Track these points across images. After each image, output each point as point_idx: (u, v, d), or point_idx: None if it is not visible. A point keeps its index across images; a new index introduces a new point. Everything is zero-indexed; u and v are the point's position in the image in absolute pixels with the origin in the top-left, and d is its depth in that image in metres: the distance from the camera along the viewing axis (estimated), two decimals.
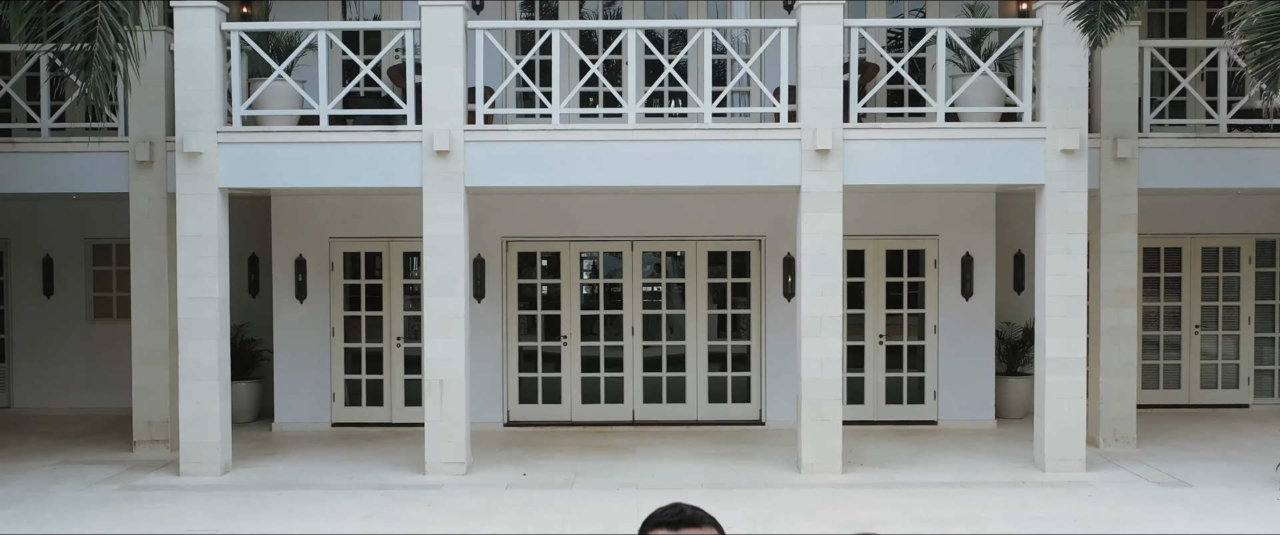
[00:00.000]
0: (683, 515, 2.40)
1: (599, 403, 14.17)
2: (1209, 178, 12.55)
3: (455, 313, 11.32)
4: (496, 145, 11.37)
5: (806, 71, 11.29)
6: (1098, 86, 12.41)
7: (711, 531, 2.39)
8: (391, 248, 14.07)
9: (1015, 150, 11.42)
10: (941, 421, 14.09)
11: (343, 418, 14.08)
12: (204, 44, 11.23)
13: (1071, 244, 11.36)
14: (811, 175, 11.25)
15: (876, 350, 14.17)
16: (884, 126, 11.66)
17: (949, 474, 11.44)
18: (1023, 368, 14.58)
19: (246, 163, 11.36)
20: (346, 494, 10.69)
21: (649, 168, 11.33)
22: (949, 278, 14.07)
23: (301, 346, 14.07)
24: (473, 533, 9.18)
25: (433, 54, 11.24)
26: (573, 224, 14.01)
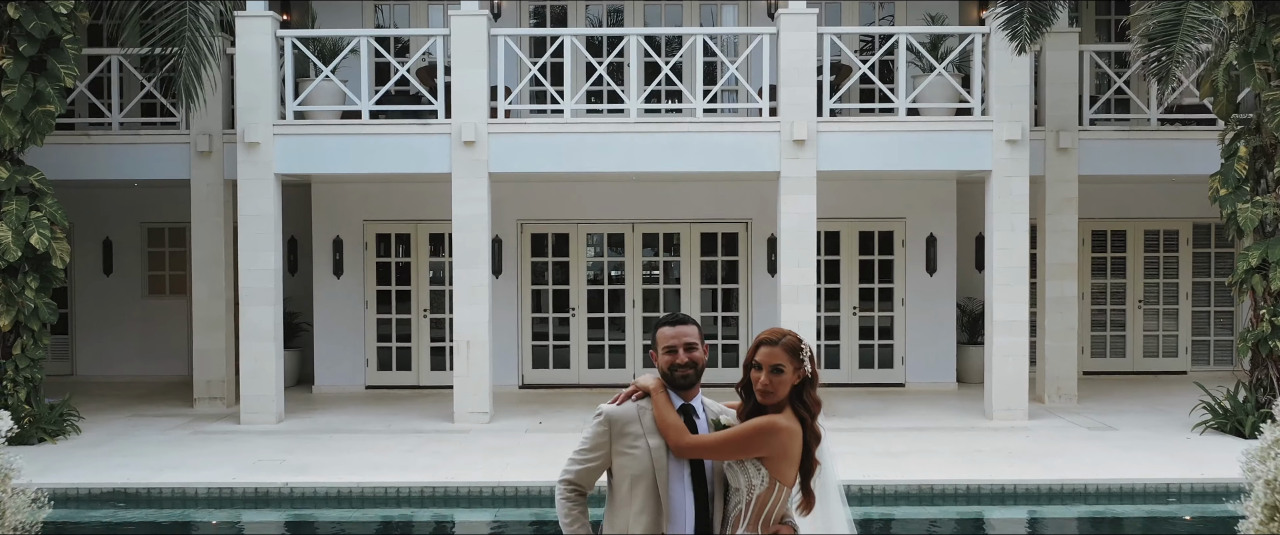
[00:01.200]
0: (678, 317, 4.09)
1: (604, 367, 15.88)
2: (1142, 165, 14.28)
3: (480, 282, 13.05)
4: (516, 137, 13.10)
5: (785, 72, 13.02)
6: (1043, 85, 14.15)
7: (694, 328, 4.07)
8: (418, 229, 15.78)
9: (967, 141, 13.16)
10: (908, 384, 15.82)
11: (375, 381, 15.79)
12: (262, 49, 12.94)
13: (1015, 222, 13.09)
14: (789, 162, 12.97)
15: (850, 320, 15.90)
16: (852, 120, 13.41)
17: (909, 422, 13.17)
18: (981, 337, 16.25)
19: (299, 152, 13.08)
20: (387, 436, 12.41)
21: (648, 156, 13.06)
22: (915, 256, 15.80)
23: (338, 318, 15.78)
24: (501, 463, 10.90)
25: (460, 57, 12.95)
26: (580, 208, 15.71)
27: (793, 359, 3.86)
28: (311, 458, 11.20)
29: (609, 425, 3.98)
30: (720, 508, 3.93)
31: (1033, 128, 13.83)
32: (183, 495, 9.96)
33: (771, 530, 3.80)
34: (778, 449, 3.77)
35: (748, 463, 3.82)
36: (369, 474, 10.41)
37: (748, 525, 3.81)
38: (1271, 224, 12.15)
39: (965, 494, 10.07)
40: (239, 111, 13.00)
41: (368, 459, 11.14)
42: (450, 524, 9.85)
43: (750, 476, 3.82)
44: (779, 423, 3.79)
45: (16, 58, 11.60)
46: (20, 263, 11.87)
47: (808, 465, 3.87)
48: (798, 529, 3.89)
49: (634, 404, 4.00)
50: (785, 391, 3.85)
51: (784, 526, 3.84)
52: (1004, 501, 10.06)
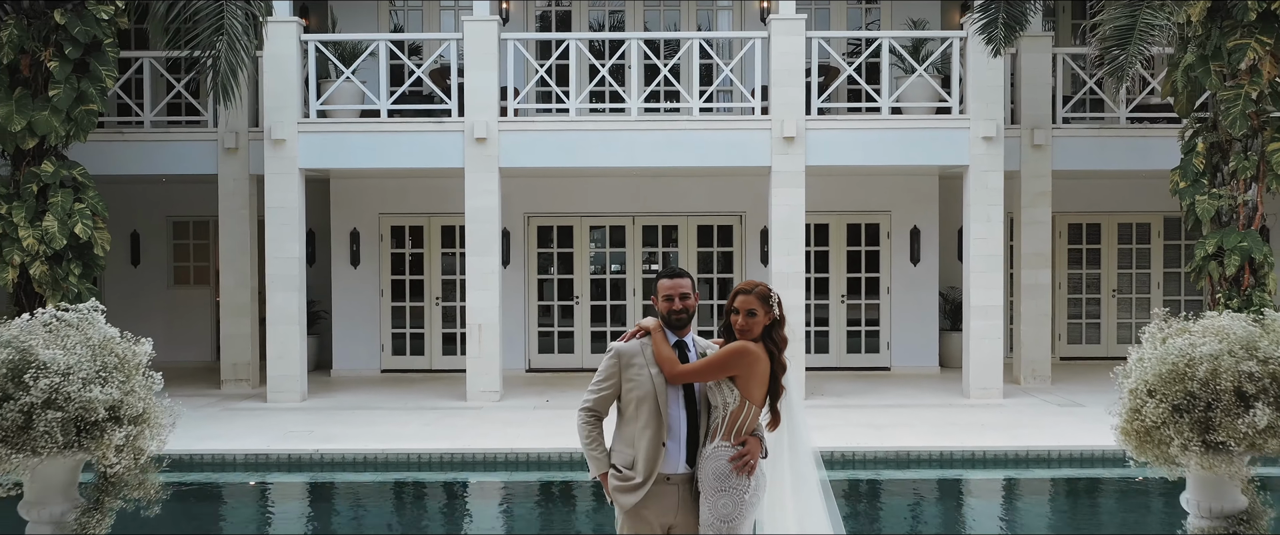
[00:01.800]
0: (675, 270, 5.00)
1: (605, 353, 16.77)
2: (1112, 161, 15.21)
3: (491, 270, 13.98)
4: (525, 134, 14.03)
5: (776, 74, 13.95)
6: (1019, 85, 15.08)
7: (688, 280, 4.98)
8: (431, 222, 16.72)
9: (945, 137, 14.09)
10: (893, 368, 16.75)
11: (390, 365, 16.73)
12: (287, 52, 13.87)
13: (990, 213, 14.02)
14: (780, 158, 13.90)
15: (839, 308, 16.83)
16: (839, 118, 14.35)
17: (892, 401, 14.10)
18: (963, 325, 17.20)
19: (321, 148, 14.01)
20: (405, 412, 13.35)
21: (648, 151, 13.99)
22: (900, 247, 16.73)
23: (355, 306, 16.71)
24: (512, 433, 11.83)
25: (473, 59, 13.88)
26: (583, 202, 16.64)
27: (763, 304, 4.79)
28: (337, 430, 12.13)
29: (618, 359, 4.90)
30: (705, 422, 4.85)
31: (1009, 126, 14.80)
32: (221, 461, 10.88)
33: (742, 439, 4.73)
34: (747, 368, 4.70)
35: (723, 384, 4.74)
36: (392, 442, 11.35)
37: (722, 435, 4.74)
38: (1227, 214, 13.06)
39: (939, 459, 11.00)
40: (266, 110, 13.93)
41: (389, 431, 12.07)
42: (465, 485, 10.77)
43: (725, 396, 4.75)
44: (749, 347, 4.72)
45: (62, 60, 12.52)
46: (65, 251, 12.79)
47: (775, 389, 4.80)
48: (764, 441, 4.82)
49: (638, 341, 4.92)
50: (758, 330, 4.77)
51: (752, 438, 4.76)
52: (974, 466, 10.99)
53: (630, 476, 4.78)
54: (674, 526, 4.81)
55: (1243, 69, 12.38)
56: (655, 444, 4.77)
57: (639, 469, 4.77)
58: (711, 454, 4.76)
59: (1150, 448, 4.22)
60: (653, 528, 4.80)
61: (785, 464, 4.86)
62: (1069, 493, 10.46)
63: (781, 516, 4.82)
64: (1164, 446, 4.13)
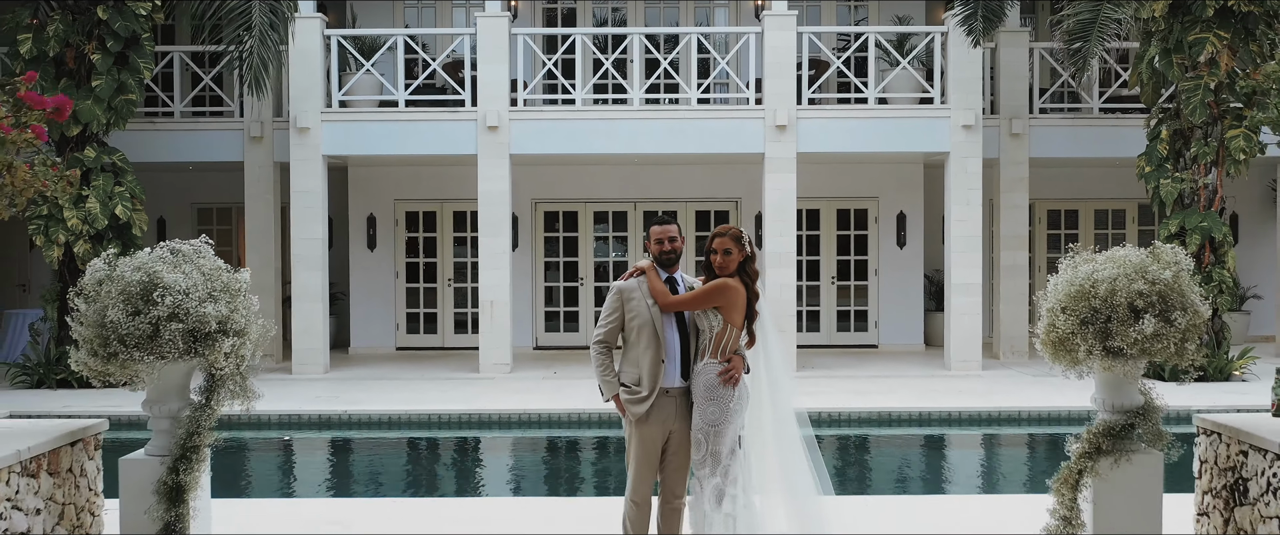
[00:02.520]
0: (664, 218, 5.92)
1: None
2: (1085, 149, 16.16)
3: (502, 250, 14.93)
4: (534, 123, 14.98)
5: (769, 67, 14.89)
6: (998, 78, 16.03)
7: (675, 226, 5.90)
8: (443, 207, 17.66)
9: (928, 126, 15.04)
10: (881, 345, 17.70)
11: (404, 343, 17.68)
12: (312, 46, 14.81)
13: (970, 197, 14.96)
14: (773, 145, 14.85)
15: (829, 289, 17.78)
16: (828, 108, 15.29)
17: (878, 372, 15.04)
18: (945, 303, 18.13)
19: (343, 136, 14.96)
20: (423, 381, 14.30)
21: (649, 139, 14.93)
22: (887, 231, 17.68)
23: (372, 287, 17.66)
24: (523, 398, 12.78)
25: (485, 53, 14.83)
26: (587, 189, 17.58)
27: (737, 244, 5.74)
28: (360, 395, 13.08)
29: (620, 294, 5.83)
30: (694, 343, 5.79)
31: (988, 116, 15.74)
32: (258, 421, 11.80)
33: (726, 356, 5.67)
34: (727, 300, 5.63)
35: (709, 312, 5.68)
36: (413, 405, 12.29)
37: (710, 354, 5.68)
38: (1189, 196, 14.01)
39: (918, 419, 11.96)
40: (292, 100, 14.88)
41: (409, 396, 13.02)
42: (479, 442, 11.72)
43: (711, 321, 5.69)
44: (729, 283, 5.66)
45: (104, 53, 13.46)
46: (105, 230, 13.72)
47: (751, 314, 5.74)
48: (745, 358, 5.76)
49: (635, 279, 5.86)
50: (734, 267, 5.72)
51: (735, 356, 5.70)
52: (950, 425, 11.94)
53: (638, 391, 5.72)
54: (673, 432, 5.76)
55: (1202, 61, 13.32)
56: (656, 362, 5.70)
57: (644, 384, 5.70)
58: (702, 370, 5.70)
59: (1063, 354, 5.14)
60: (653, 433, 5.74)
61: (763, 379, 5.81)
62: (1031, 445, 11.43)
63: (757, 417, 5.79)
64: (1073, 352, 5.05)
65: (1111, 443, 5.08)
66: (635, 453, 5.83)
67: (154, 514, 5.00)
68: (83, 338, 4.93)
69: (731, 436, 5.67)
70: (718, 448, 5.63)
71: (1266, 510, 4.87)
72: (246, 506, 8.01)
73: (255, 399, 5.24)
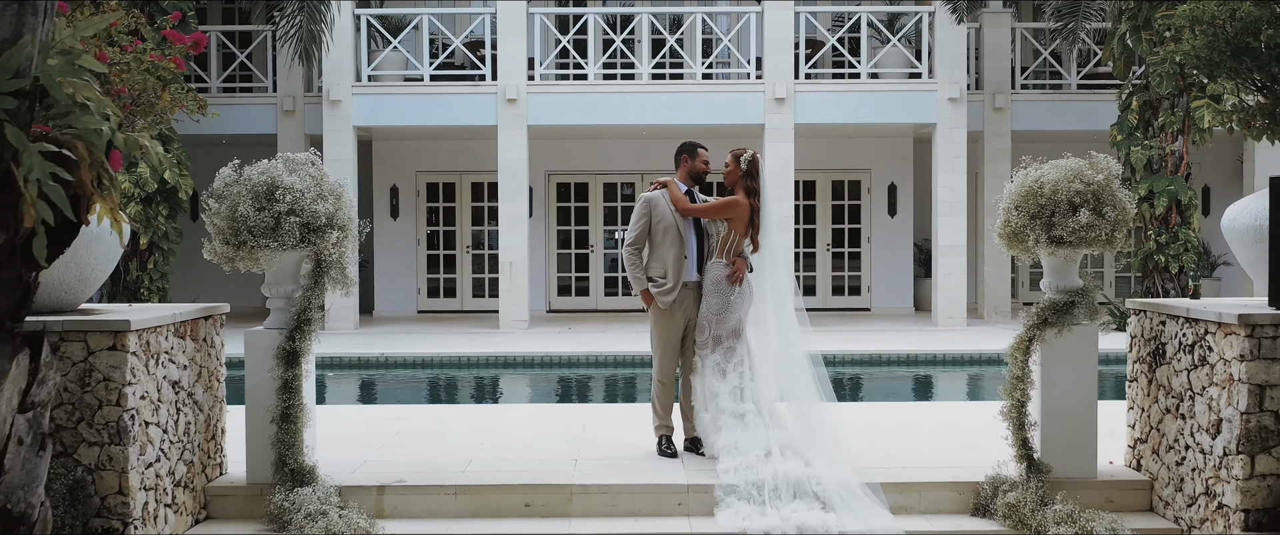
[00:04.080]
0: (698, 144, 7.05)
1: (617, 295, 18.88)
2: (1064, 122, 17.28)
3: (520, 215, 16.04)
4: (550, 96, 16.10)
5: (769, 44, 16.02)
6: (983, 56, 17.17)
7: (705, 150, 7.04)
8: (462, 179, 18.77)
9: (916, 99, 16.18)
10: (873, 309, 18.84)
11: (425, 306, 18.79)
12: (343, 24, 15.92)
13: (955, 165, 16.10)
14: (772, 117, 15.98)
15: (825, 255, 18.91)
16: (823, 82, 16.42)
17: (868, 328, 16.18)
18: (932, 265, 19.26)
19: (373, 108, 16.06)
20: (450, 333, 15.41)
21: (656, 112, 16.04)
22: (879, 201, 18.82)
23: (394, 254, 18.76)
24: (541, 345, 13.89)
25: (505, 31, 15.95)
26: (597, 161, 18.70)
27: (736, 161, 6.90)
28: (391, 344, 14.19)
29: (648, 204, 6.95)
30: (707, 246, 6.93)
31: (974, 91, 16.88)
32: None
33: (732, 258, 6.80)
34: (734, 213, 6.77)
35: (719, 221, 6.83)
36: (443, 349, 13.40)
37: (718, 254, 6.82)
38: (1158, 162, 15.15)
39: (906, 360, 13.12)
40: (325, 75, 15.98)
41: (436, 344, 14.13)
42: (498, 380, 12.84)
43: (720, 228, 6.83)
44: (737, 198, 6.80)
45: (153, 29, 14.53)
46: (155, 194, 14.82)
47: (755, 223, 6.87)
48: (748, 259, 6.89)
49: (659, 191, 6.99)
50: (734, 180, 6.86)
51: (739, 258, 6.83)
52: (933, 365, 13.09)
53: (664, 283, 6.84)
54: (691, 320, 6.89)
55: (1168, 36, 14.45)
56: (679, 259, 6.83)
57: (670, 277, 6.83)
58: (711, 267, 6.84)
59: (1017, 244, 6.23)
60: (675, 320, 6.87)
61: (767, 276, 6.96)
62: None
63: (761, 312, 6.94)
64: (1024, 242, 6.14)
65: (1056, 316, 6.19)
66: (659, 339, 6.97)
67: (275, 373, 6.11)
68: (216, 229, 6.03)
69: (732, 323, 6.79)
70: (719, 332, 6.76)
71: (1178, 365, 5.97)
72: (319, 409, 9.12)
73: (352, 285, 6.33)
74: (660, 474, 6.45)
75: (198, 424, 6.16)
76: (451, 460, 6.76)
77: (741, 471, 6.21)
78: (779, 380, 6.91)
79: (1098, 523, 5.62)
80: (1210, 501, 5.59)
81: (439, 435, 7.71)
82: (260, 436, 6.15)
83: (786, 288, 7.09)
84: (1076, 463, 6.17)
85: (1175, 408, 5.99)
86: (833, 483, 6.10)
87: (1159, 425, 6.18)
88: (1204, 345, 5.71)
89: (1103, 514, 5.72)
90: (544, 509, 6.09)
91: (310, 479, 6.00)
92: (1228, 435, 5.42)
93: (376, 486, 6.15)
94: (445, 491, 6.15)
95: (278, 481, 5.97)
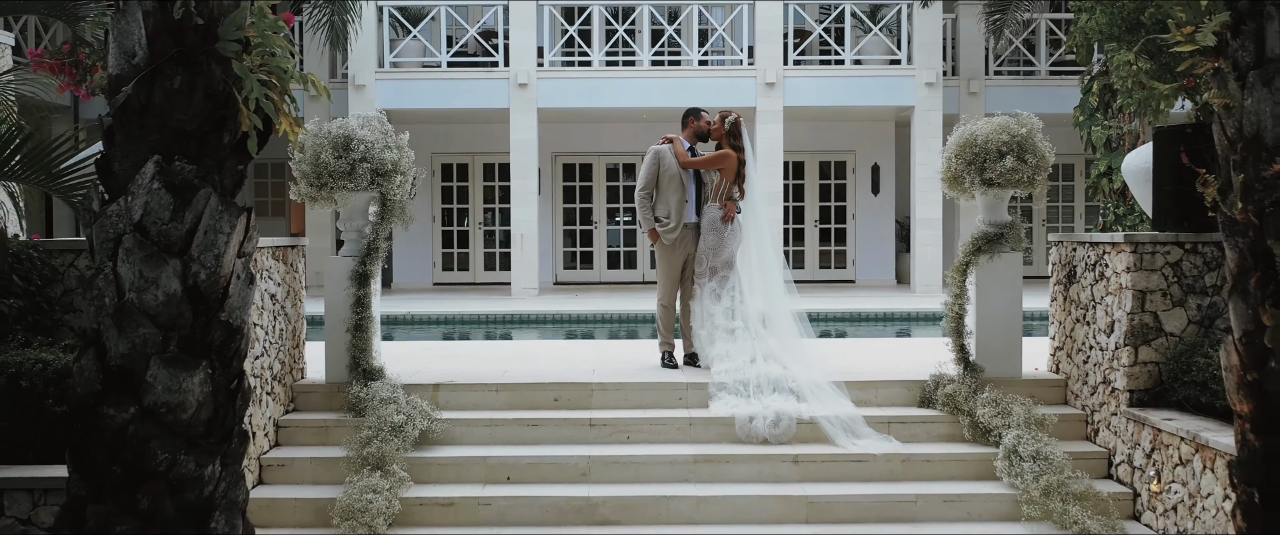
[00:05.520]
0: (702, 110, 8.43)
1: (620, 268, 20.26)
2: (1035, 106, 18.08)
3: (530, 191, 17.41)
4: (558, 81, 17.48)
5: (760, 33, 17.39)
6: (959, 44, 18.54)
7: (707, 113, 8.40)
8: (474, 159, 20.13)
9: (896, 84, 17.56)
10: (858, 281, 20.22)
11: (440, 279, 20.15)
12: (367, 14, 17.25)
13: (931, 144, 17.48)
14: (763, 100, 17.35)
15: (813, 231, 20.29)
16: (810, 68, 17.80)
17: (851, 295, 17.57)
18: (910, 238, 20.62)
19: (395, 92, 17.42)
20: (466, 297, 16.79)
21: (656, 95, 17.41)
22: (863, 181, 20.20)
23: (411, 229, 20.06)
24: (552, 307, 15.27)
25: (516, 22, 17.31)
26: (601, 144, 20.05)
27: (721, 121, 8.25)
28: (415, 306, 15.55)
29: (657, 155, 8.31)
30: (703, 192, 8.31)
31: (950, 77, 18.24)
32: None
33: (724, 201, 8.17)
34: (724, 165, 8.14)
35: (713, 171, 8.21)
36: (462, 308, 14.77)
37: (712, 198, 8.19)
38: (1116, 140, 16.53)
39: (884, 317, 14.51)
40: (351, 61, 17.33)
41: (457, 306, 15.50)
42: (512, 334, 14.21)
43: (713, 177, 8.21)
44: (728, 152, 8.17)
45: None
46: None
47: (741, 173, 8.25)
48: (738, 203, 8.26)
49: (666, 146, 8.36)
50: (721, 136, 8.23)
51: (730, 202, 8.21)
52: (909, 321, 14.46)
53: (669, 223, 8.22)
54: (690, 254, 8.26)
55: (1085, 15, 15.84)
56: (681, 203, 8.21)
57: (673, 218, 8.21)
58: (707, 210, 8.21)
59: (956, 185, 7.58)
60: (677, 254, 8.25)
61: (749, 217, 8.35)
62: None
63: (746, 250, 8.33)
64: (962, 183, 7.49)
65: (988, 245, 7.56)
66: (663, 270, 8.35)
67: (349, 292, 7.49)
68: (302, 174, 7.39)
69: (726, 256, 8.17)
70: (715, 263, 8.14)
71: (1084, 282, 7.32)
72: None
73: (411, 221, 7.71)
74: (664, 377, 7.83)
75: (287, 332, 7.53)
76: (489, 371, 8.14)
77: (731, 373, 7.59)
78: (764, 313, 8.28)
79: (1016, 404, 7.00)
80: (1106, 388, 6.98)
81: (475, 359, 9.11)
82: (337, 344, 7.53)
83: (771, 252, 8.49)
84: (1005, 365, 7.56)
85: (1083, 317, 7.37)
86: (806, 381, 7.47)
87: (1072, 333, 7.57)
88: (1103, 264, 7.10)
89: (1020, 398, 7.10)
90: (569, 402, 7.46)
91: (379, 376, 7.38)
92: (1118, 333, 6.81)
93: (432, 385, 7.52)
94: (488, 389, 7.52)
95: (352, 379, 7.35)
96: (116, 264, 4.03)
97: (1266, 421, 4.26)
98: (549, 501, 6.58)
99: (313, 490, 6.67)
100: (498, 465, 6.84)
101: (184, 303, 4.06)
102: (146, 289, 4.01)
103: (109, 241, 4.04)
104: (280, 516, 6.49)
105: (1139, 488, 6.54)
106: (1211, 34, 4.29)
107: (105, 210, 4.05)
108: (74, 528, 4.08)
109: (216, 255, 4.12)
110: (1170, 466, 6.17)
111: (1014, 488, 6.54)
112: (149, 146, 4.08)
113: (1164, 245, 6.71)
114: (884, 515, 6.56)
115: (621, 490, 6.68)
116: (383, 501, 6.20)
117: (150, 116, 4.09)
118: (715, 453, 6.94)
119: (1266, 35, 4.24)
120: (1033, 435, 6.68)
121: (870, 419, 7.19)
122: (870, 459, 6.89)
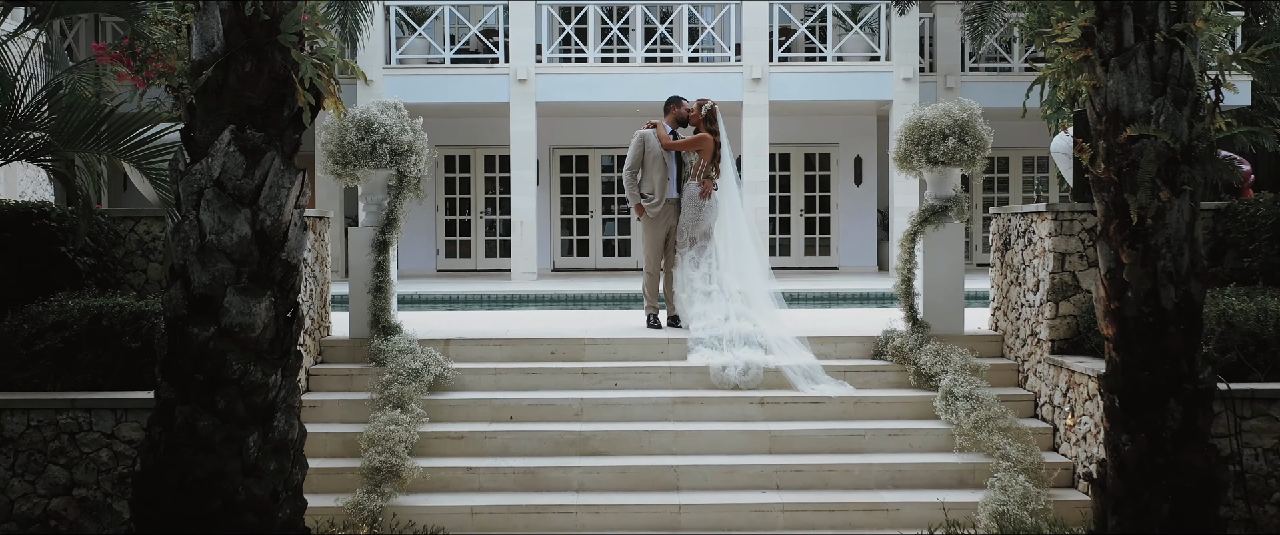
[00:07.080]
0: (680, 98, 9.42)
1: (614, 255, 21.26)
2: (1009, 101, 19.38)
3: (529, 180, 18.42)
4: (556, 77, 18.48)
5: (746, 31, 18.40)
6: (937, 42, 19.55)
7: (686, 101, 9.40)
8: (476, 152, 21.14)
9: (875, 79, 18.57)
10: (841, 267, 21.23)
11: (443, 266, 21.16)
12: (375, 12, 18.26)
13: None
14: (749, 94, 18.36)
15: (799, 220, 21.30)
16: (794, 64, 18.81)
17: (832, 278, 18.57)
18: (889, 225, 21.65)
19: (401, 87, 18.40)
20: (470, 280, 17.78)
21: (649, 89, 18.36)
22: (846, 172, 21.21)
23: (415, 218, 20.99)
24: (550, 287, 16.27)
25: (516, 20, 18.31)
26: (596, 136, 21.05)
27: (699, 107, 9.26)
28: (421, 287, 16.55)
29: (642, 139, 9.31)
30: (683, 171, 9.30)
31: (928, 73, 19.25)
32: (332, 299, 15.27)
33: (701, 179, 9.17)
34: (702, 146, 9.14)
35: (692, 152, 9.21)
36: (465, 288, 15.77)
37: (691, 177, 9.19)
38: None
39: (860, 296, 15.49)
40: (360, 57, 18.32)
41: (461, 287, 16.50)
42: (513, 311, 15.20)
43: (692, 158, 9.21)
44: (705, 136, 9.17)
45: None
46: None
47: (717, 154, 9.25)
48: (714, 181, 9.26)
49: (650, 130, 9.36)
50: (698, 120, 9.23)
51: (707, 180, 9.21)
52: (885, 301, 15.43)
53: (653, 199, 9.23)
54: (671, 227, 9.27)
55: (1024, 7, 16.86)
56: (664, 180, 9.21)
57: (656, 195, 9.21)
58: (687, 187, 9.22)
59: (906, 164, 8.59)
60: (660, 226, 9.27)
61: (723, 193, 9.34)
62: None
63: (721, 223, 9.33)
64: (911, 162, 8.50)
65: (934, 216, 8.57)
66: (648, 241, 9.37)
67: (371, 257, 8.51)
68: (328, 153, 8.41)
69: (703, 228, 9.18)
70: (694, 235, 9.16)
71: (1017, 248, 8.33)
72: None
73: (424, 196, 8.72)
74: (649, 334, 8.84)
75: (316, 292, 8.54)
76: (493, 330, 9.15)
77: (707, 329, 8.60)
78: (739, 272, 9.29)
79: (954, 353, 8.01)
80: (1033, 339, 7.99)
81: (481, 321, 10.10)
82: (360, 304, 8.55)
83: (734, 195, 9.48)
84: (949, 323, 8.58)
85: (1016, 279, 8.39)
86: (773, 336, 8.49)
87: (1007, 294, 8.59)
88: (1031, 231, 8.11)
89: (959, 349, 8.11)
90: (564, 354, 8.47)
91: (397, 331, 8.39)
92: (1042, 291, 7.82)
93: (443, 339, 8.53)
94: (493, 343, 8.53)
95: (373, 334, 8.36)
96: (199, 212, 5.03)
97: (1125, 340, 5.28)
98: (547, 436, 7.59)
99: (341, 427, 7.68)
100: (502, 406, 7.85)
101: (253, 243, 5.06)
102: (224, 232, 5.01)
103: (193, 194, 5.05)
104: (313, 448, 7.46)
105: (1057, 423, 7.55)
106: (1078, 28, 5.30)
107: (190, 169, 5.06)
108: (164, 424, 5.08)
109: (279, 205, 5.13)
110: (1081, 401, 7.18)
111: (950, 423, 7.54)
112: (224, 118, 5.09)
113: (1080, 213, 7.73)
114: (836, 447, 7.57)
115: (610, 427, 7.69)
116: (403, 431, 7.20)
117: (226, 94, 5.09)
118: (692, 396, 7.95)
119: (1124, 29, 5.26)
120: (966, 379, 7.69)
121: (828, 368, 8.20)
122: (827, 401, 7.90)
